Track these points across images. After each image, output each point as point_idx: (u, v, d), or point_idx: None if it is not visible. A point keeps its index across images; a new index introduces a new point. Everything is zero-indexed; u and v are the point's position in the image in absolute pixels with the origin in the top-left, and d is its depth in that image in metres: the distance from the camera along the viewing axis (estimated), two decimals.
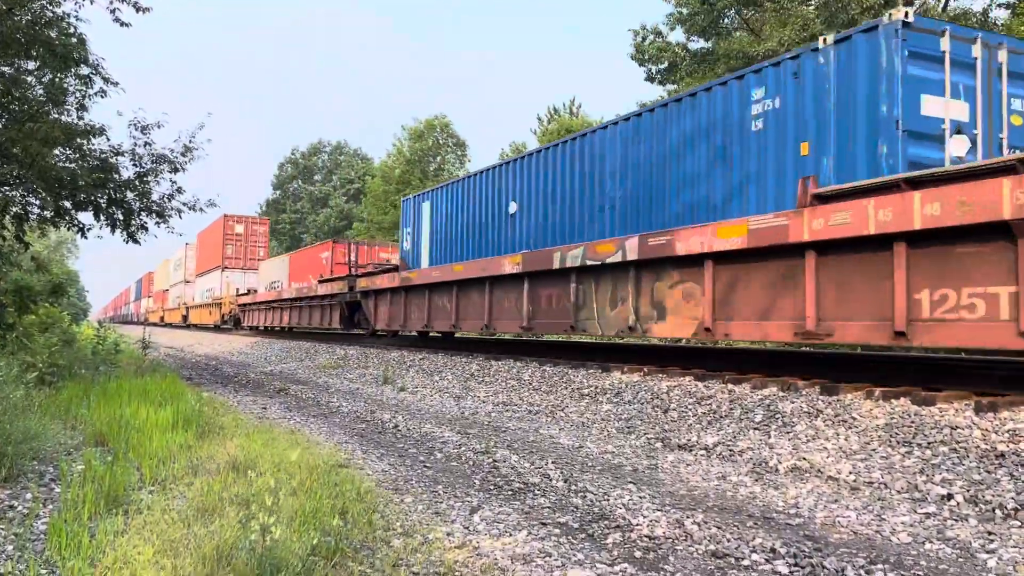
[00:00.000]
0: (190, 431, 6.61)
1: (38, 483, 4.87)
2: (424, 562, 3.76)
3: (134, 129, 12.99)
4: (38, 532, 3.94)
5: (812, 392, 7.32)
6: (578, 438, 7.62)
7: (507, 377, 11.41)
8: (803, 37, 19.55)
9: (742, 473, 5.98)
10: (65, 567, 3.36)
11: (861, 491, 5.29)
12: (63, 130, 11.72)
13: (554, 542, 4.20)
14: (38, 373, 8.49)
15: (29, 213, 13.14)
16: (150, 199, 13.35)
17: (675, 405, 8.08)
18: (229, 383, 13.89)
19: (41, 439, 5.60)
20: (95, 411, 7.10)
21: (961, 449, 5.45)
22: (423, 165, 54.21)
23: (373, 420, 8.87)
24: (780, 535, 4.30)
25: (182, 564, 3.36)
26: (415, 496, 5.16)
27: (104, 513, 4.18)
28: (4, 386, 6.24)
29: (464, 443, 7.17)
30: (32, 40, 11.18)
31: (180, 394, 8.68)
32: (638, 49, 24.39)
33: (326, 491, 4.64)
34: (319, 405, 10.45)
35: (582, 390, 9.67)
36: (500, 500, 5.14)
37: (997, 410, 5.87)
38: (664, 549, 4.14)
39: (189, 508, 4.25)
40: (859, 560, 3.84)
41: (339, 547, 3.74)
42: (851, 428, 6.29)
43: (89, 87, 12.64)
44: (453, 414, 9.49)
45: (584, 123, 44.29)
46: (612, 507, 4.90)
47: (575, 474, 5.84)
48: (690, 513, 4.72)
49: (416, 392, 11.75)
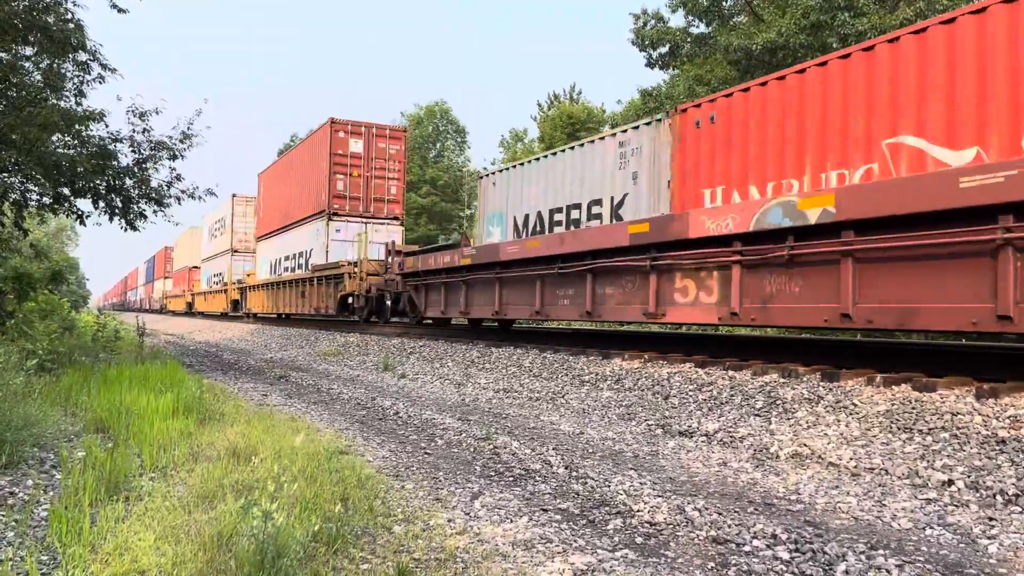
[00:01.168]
0: (191, 418, 6.61)
1: (39, 470, 4.87)
2: (425, 548, 3.76)
3: (132, 115, 12.95)
4: (39, 519, 3.94)
5: (813, 378, 7.32)
6: (579, 424, 7.62)
7: (508, 364, 11.41)
8: (803, 26, 19.40)
9: (743, 459, 5.98)
10: (66, 553, 3.36)
11: (862, 477, 5.29)
12: (62, 116, 11.66)
13: (555, 528, 4.20)
14: (38, 360, 8.48)
15: (28, 200, 13.11)
16: (149, 186, 13.32)
17: (676, 392, 8.08)
18: (229, 370, 13.90)
19: (41, 426, 5.60)
20: (95, 398, 7.09)
21: (962, 435, 5.45)
22: (423, 152, 54.11)
23: (374, 407, 8.87)
24: (781, 521, 4.30)
25: (183, 550, 3.36)
26: (416, 482, 5.16)
27: (105, 499, 4.18)
28: (4, 373, 6.24)
29: (465, 429, 7.17)
30: (30, 25, 11.11)
31: (180, 381, 8.67)
32: (638, 34, 24.24)
33: (327, 478, 4.64)
34: (320, 392, 10.45)
35: (583, 377, 9.66)
36: (501, 486, 5.14)
37: (998, 396, 5.87)
38: (665, 535, 4.15)
39: (190, 494, 4.25)
40: (860, 546, 3.84)
41: (340, 533, 3.74)
42: (852, 414, 6.28)
43: (87, 73, 12.59)
44: (454, 401, 9.50)
45: (584, 109, 44.11)
46: (613, 493, 4.90)
47: (576, 460, 5.84)
48: (691, 499, 4.72)
49: (417, 379, 11.76)
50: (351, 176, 23.06)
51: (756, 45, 19.85)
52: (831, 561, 3.67)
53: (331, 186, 22.72)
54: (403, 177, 24.35)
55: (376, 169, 23.48)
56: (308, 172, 24.89)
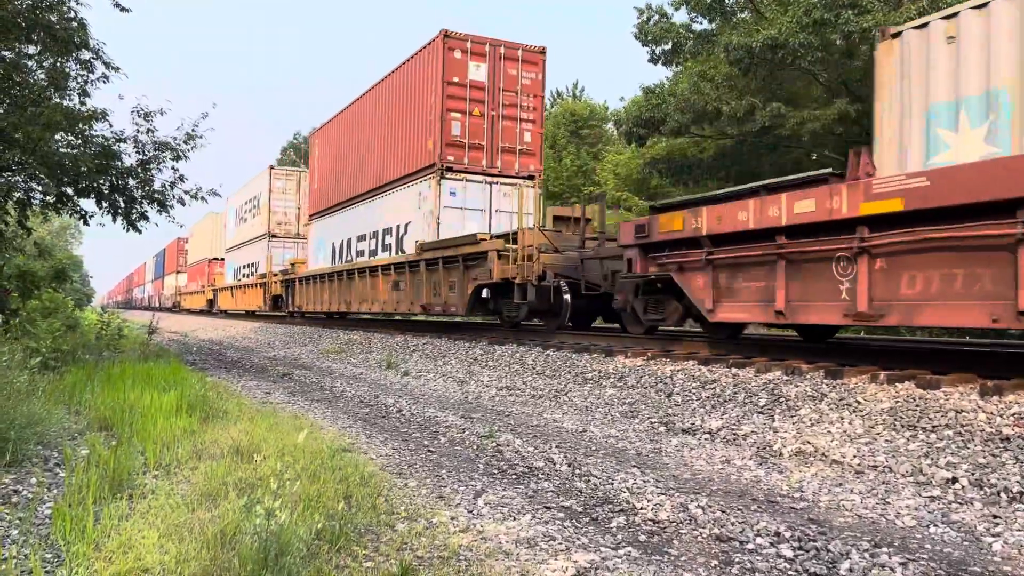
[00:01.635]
0: (194, 416, 6.62)
1: (42, 468, 4.88)
2: (428, 546, 3.76)
3: (136, 116, 12.95)
4: (43, 517, 3.95)
5: (816, 376, 7.30)
6: (582, 422, 7.62)
7: (510, 361, 11.41)
8: (804, 24, 19.32)
9: (746, 457, 5.98)
10: (70, 551, 3.37)
11: (865, 475, 5.28)
12: (65, 115, 11.68)
13: (558, 526, 4.20)
14: (42, 358, 8.50)
15: (32, 199, 13.13)
16: (152, 187, 13.32)
17: (679, 389, 8.08)
18: (232, 368, 13.93)
19: (45, 424, 5.61)
20: (99, 396, 7.11)
21: (966, 433, 5.44)
22: None
23: (377, 404, 8.88)
24: (784, 519, 4.29)
25: (186, 548, 3.36)
26: (419, 480, 5.16)
27: (108, 497, 4.19)
28: (8, 371, 6.25)
29: (468, 427, 7.17)
30: (33, 24, 11.14)
31: (183, 379, 8.69)
32: (641, 29, 24.19)
33: (330, 475, 4.64)
34: (323, 389, 10.46)
35: (586, 374, 9.66)
36: (504, 484, 5.14)
37: (1002, 393, 5.85)
38: (668, 533, 4.14)
39: (193, 492, 4.25)
40: (863, 543, 3.83)
41: (343, 531, 3.74)
42: (855, 412, 6.27)
43: (91, 72, 12.61)
44: (457, 398, 9.50)
45: (587, 106, 44.06)
46: (616, 491, 4.89)
47: (579, 458, 5.84)
48: (694, 497, 4.71)
49: (420, 376, 11.76)
50: (471, 115, 16.12)
51: (757, 43, 19.80)
52: (835, 559, 3.67)
53: (444, 130, 15.91)
54: (541, 118, 17.21)
55: (505, 106, 16.43)
56: (405, 113, 17.87)
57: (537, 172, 16.77)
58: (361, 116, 21.10)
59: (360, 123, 21.19)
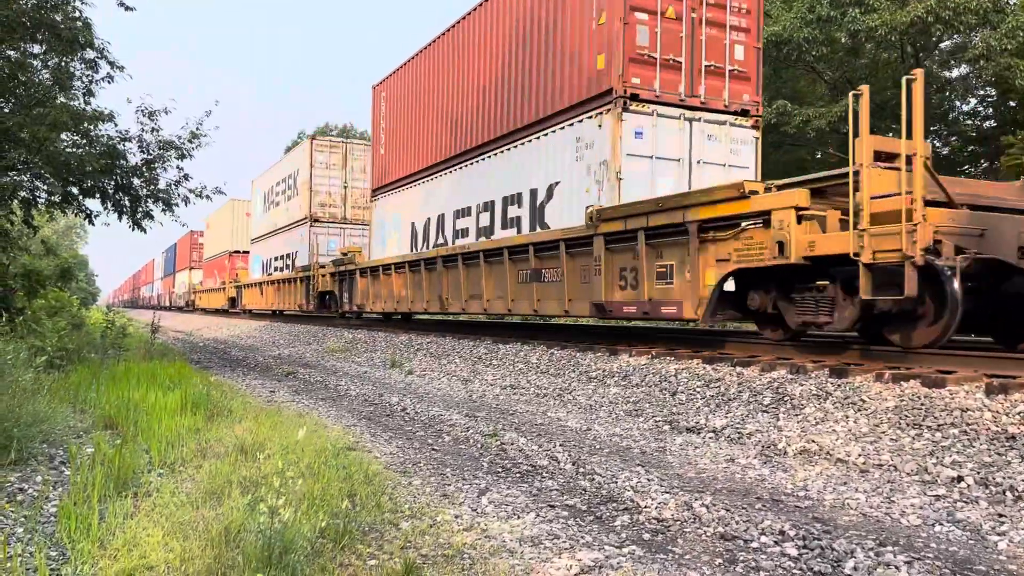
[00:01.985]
0: (199, 414, 6.63)
1: (48, 466, 4.90)
2: (432, 544, 3.76)
3: (141, 115, 12.98)
4: (48, 515, 3.96)
5: (821, 375, 7.28)
6: (586, 421, 7.62)
7: (515, 360, 11.41)
8: (808, 20, 19.29)
9: (751, 456, 5.97)
10: (75, 549, 3.38)
11: (870, 473, 5.27)
12: (71, 115, 11.71)
13: (562, 524, 4.20)
14: (47, 357, 8.52)
15: (37, 198, 13.17)
16: (156, 186, 13.35)
17: (683, 388, 8.07)
18: (237, 367, 13.95)
19: (50, 422, 5.63)
20: (104, 395, 7.13)
21: (971, 431, 5.42)
22: None
23: (381, 403, 8.89)
24: (789, 517, 4.28)
25: (191, 546, 3.37)
26: (423, 479, 5.17)
27: (113, 496, 4.20)
28: (13, 370, 6.27)
29: (472, 426, 7.17)
30: (37, 23, 11.17)
31: (188, 378, 8.71)
32: None
33: (334, 474, 4.65)
34: (327, 388, 10.47)
35: (590, 373, 9.65)
36: (508, 482, 5.14)
37: (1008, 392, 5.83)
38: (673, 531, 4.14)
39: (198, 491, 4.26)
40: (868, 542, 3.82)
41: (347, 529, 3.74)
42: (860, 410, 6.26)
43: (95, 72, 12.64)
44: (461, 397, 9.50)
45: None
46: (620, 489, 4.89)
47: (583, 456, 5.83)
48: (698, 495, 4.71)
49: (424, 375, 11.77)
50: (663, 16, 11.16)
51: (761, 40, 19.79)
52: (839, 558, 3.66)
53: (628, 36, 10.87)
54: (758, 27, 12.28)
55: (708, 5, 11.52)
56: (550, 19, 12.47)
57: (756, 104, 11.99)
58: (464, 42, 15.49)
59: (461, 54, 15.65)
